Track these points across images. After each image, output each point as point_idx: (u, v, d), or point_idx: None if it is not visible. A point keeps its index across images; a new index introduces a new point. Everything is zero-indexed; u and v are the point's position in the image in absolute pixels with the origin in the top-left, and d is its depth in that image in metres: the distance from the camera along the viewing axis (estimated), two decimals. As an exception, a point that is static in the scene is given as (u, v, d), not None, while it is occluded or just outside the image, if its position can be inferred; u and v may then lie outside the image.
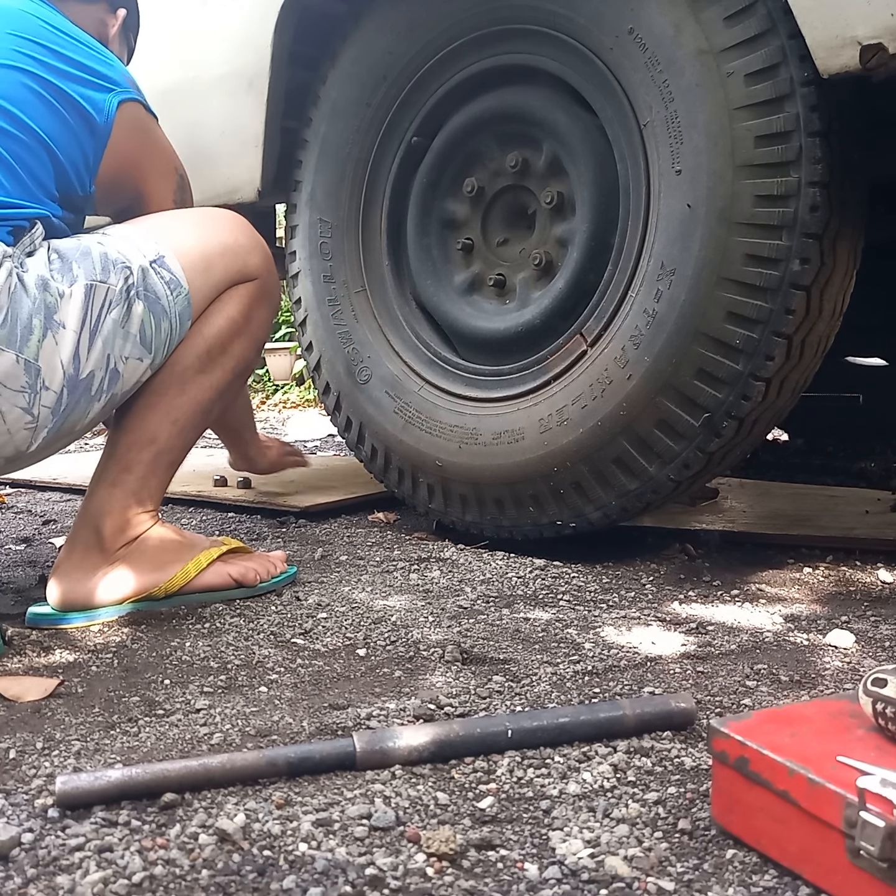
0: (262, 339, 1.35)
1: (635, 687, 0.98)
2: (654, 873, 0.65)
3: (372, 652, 1.10)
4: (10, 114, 1.15)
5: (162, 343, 1.22)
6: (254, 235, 1.34)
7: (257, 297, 1.31)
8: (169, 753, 0.83)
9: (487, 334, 1.58)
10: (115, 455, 1.25)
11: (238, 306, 1.29)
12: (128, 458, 1.24)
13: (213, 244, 1.28)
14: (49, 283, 1.12)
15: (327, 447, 3.35)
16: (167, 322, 1.22)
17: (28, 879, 0.64)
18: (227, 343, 1.28)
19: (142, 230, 1.25)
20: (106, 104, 1.24)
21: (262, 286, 1.32)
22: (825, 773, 0.61)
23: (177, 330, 1.23)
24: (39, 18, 1.22)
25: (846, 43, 1.13)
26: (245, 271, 1.30)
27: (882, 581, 1.39)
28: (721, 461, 1.44)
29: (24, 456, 1.16)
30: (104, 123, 1.24)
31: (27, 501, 2.23)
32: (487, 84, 1.57)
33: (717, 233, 1.27)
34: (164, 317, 1.21)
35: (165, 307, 1.21)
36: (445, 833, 0.68)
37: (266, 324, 1.35)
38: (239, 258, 1.29)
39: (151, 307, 1.20)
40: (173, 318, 1.22)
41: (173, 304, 1.22)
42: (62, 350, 1.13)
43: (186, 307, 1.24)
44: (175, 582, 1.24)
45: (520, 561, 1.47)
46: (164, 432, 1.24)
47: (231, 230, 1.31)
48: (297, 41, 1.71)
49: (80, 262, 1.16)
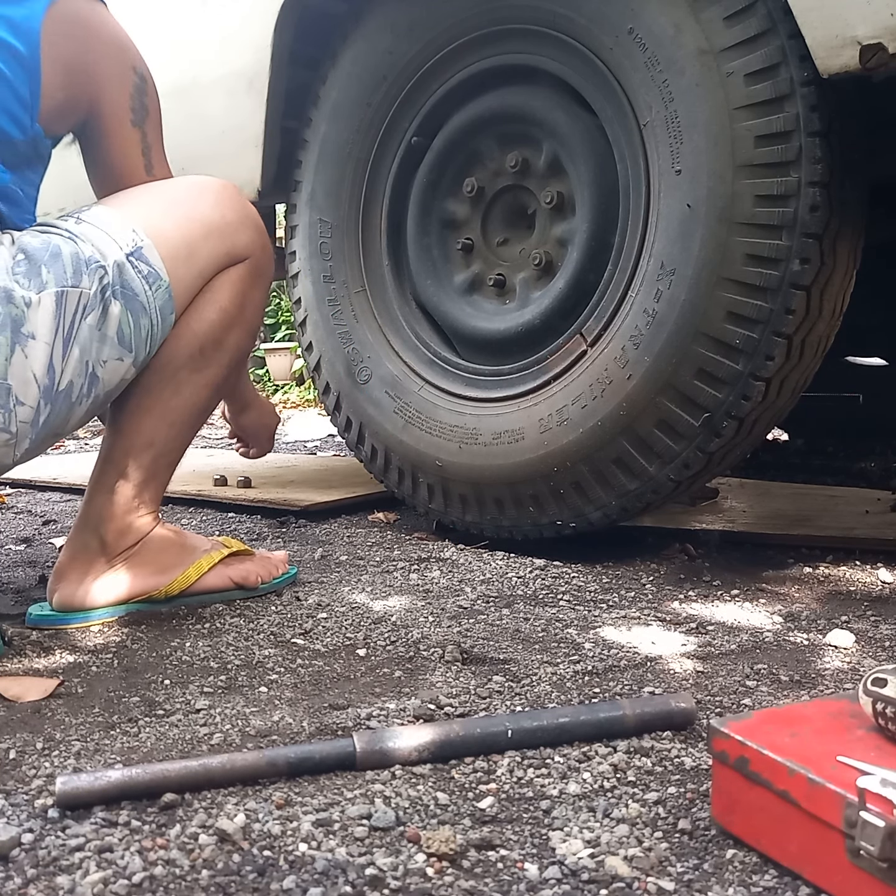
0: (257, 324, 1.27)
1: (635, 687, 0.98)
2: (654, 873, 0.65)
3: (372, 652, 1.10)
4: None
5: (143, 340, 1.14)
6: (242, 208, 1.23)
7: (249, 279, 1.22)
8: (169, 754, 0.83)
9: (487, 334, 1.58)
10: (112, 460, 1.21)
11: (229, 294, 1.21)
12: (125, 463, 1.20)
13: (197, 226, 1.18)
14: (13, 294, 1.03)
15: (327, 447, 3.35)
16: (146, 318, 1.14)
17: (28, 880, 0.64)
18: (221, 337, 1.21)
19: (117, 214, 1.15)
20: (28, 21, 1.08)
21: (253, 266, 1.23)
22: (825, 773, 0.61)
23: (158, 325, 1.15)
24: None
25: (846, 43, 1.13)
26: (234, 252, 1.20)
27: (882, 581, 1.39)
28: (721, 461, 1.44)
29: (9, 467, 1.12)
30: (32, 45, 1.08)
31: (27, 501, 2.23)
32: (487, 84, 1.57)
33: (717, 233, 1.27)
34: (143, 313, 1.13)
35: (144, 303, 1.13)
36: (445, 833, 0.68)
37: (260, 307, 1.27)
38: (226, 238, 1.20)
39: (129, 305, 1.12)
40: (153, 313, 1.14)
41: (152, 298, 1.13)
42: (34, 363, 1.05)
43: (167, 300, 1.15)
44: (176, 585, 1.24)
45: (520, 561, 1.47)
46: (161, 435, 1.21)
47: (216, 205, 1.20)
48: (297, 41, 1.71)
49: (49, 265, 1.06)
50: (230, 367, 1.26)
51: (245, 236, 1.22)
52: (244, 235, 1.22)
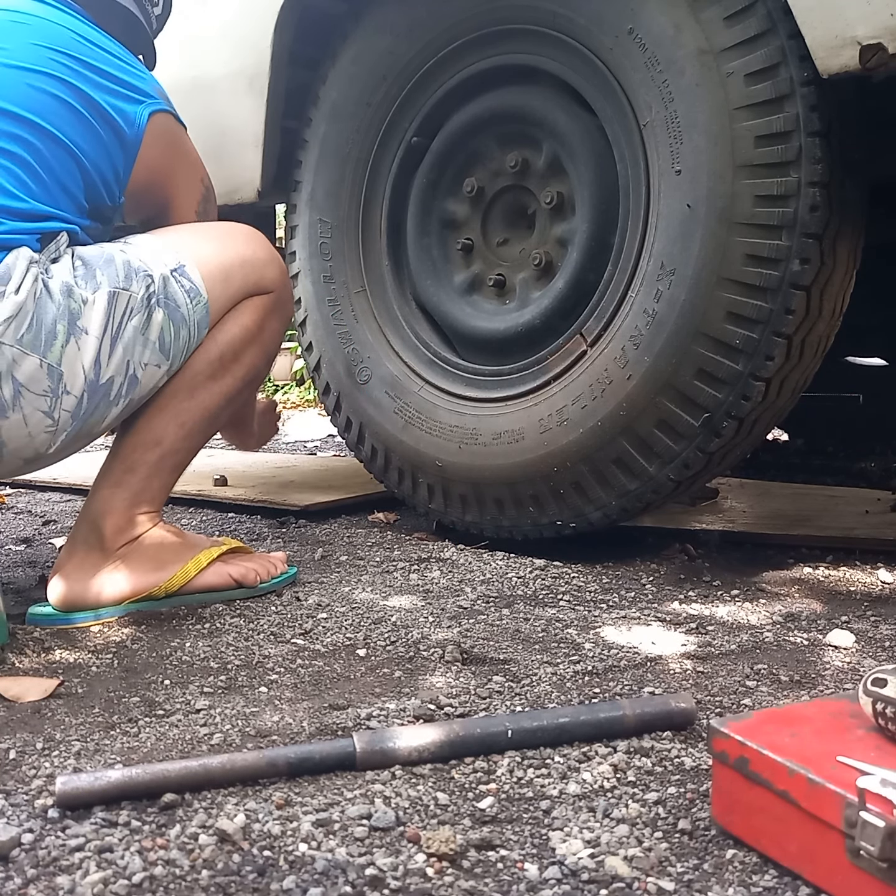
0: (273, 350, 1.37)
1: (635, 687, 0.98)
2: (654, 873, 0.65)
3: (372, 652, 1.10)
4: (37, 125, 1.16)
5: (180, 350, 1.24)
6: (271, 250, 1.36)
7: (271, 308, 1.33)
8: (169, 754, 0.83)
9: (487, 334, 1.58)
10: (119, 455, 1.26)
11: (252, 315, 1.31)
12: (132, 458, 1.25)
13: (232, 256, 1.30)
14: (73, 290, 1.14)
15: (327, 447, 3.35)
16: (186, 330, 1.23)
17: (28, 880, 0.64)
18: (240, 351, 1.30)
19: (162, 240, 1.27)
20: (137, 116, 1.27)
21: (276, 299, 1.34)
22: (825, 773, 0.61)
23: (195, 337, 1.25)
24: (71, 30, 1.23)
25: (846, 43, 1.13)
26: (261, 283, 1.32)
27: (882, 581, 1.39)
28: (721, 461, 1.44)
29: (42, 458, 1.18)
30: (134, 135, 1.27)
31: (27, 502, 2.23)
32: (487, 84, 1.57)
33: (717, 233, 1.27)
34: (184, 324, 1.23)
35: (185, 315, 1.23)
36: (445, 833, 0.68)
37: (278, 335, 1.37)
38: (256, 270, 1.31)
39: (171, 315, 1.21)
40: (192, 325, 1.24)
41: (192, 312, 1.24)
42: (84, 355, 1.14)
43: (205, 315, 1.25)
44: (175, 581, 1.24)
45: (520, 561, 1.47)
46: (171, 434, 1.25)
47: (249, 244, 1.33)
48: (297, 41, 1.71)
49: (103, 269, 1.17)
50: (245, 381, 1.32)
51: (272, 272, 1.34)
52: (272, 271, 1.34)
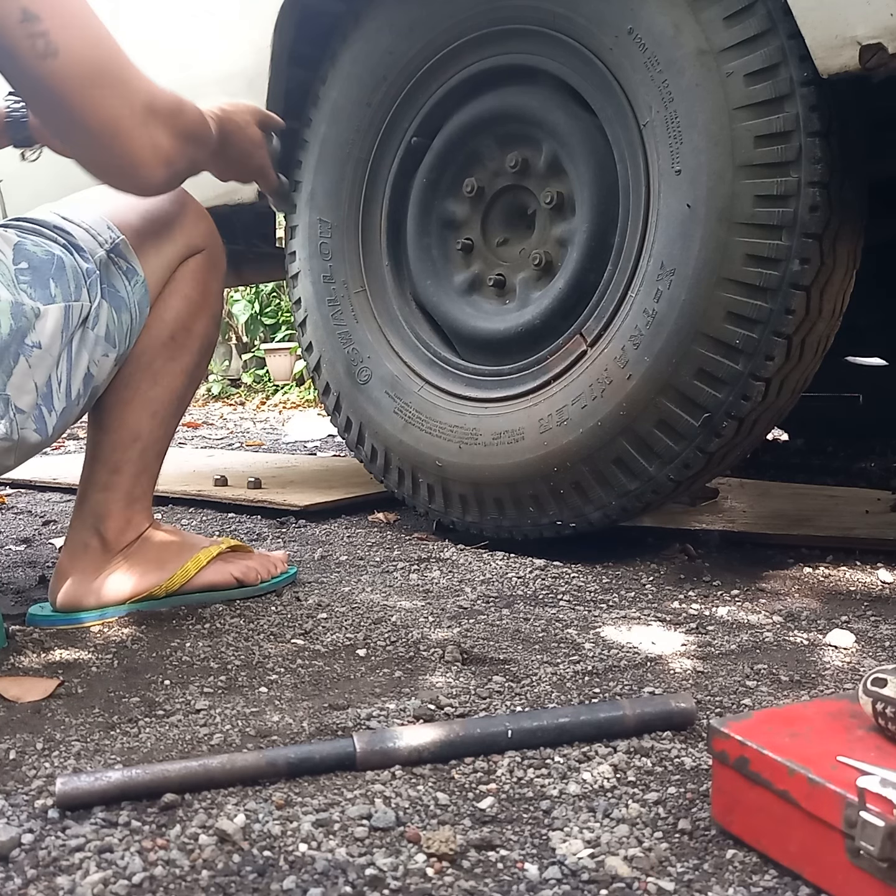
0: (219, 311, 1.32)
1: (635, 687, 0.98)
2: (654, 873, 0.65)
3: (372, 652, 1.10)
4: None
5: (124, 335, 1.18)
6: (195, 202, 1.28)
7: (208, 269, 1.27)
8: (169, 754, 0.83)
9: (487, 334, 1.58)
10: (100, 457, 1.23)
11: (192, 283, 1.25)
12: (115, 458, 1.22)
13: (162, 220, 1.22)
14: (24, 308, 1.05)
15: (327, 447, 3.35)
16: (127, 313, 1.18)
17: (28, 880, 0.64)
18: (190, 324, 1.25)
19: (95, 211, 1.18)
20: None
21: (210, 257, 1.28)
22: (825, 773, 0.61)
23: (137, 319, 1.19)
24: None
25: (846, 43, 1.13)
26: (192, 244, 1.25)
27: (882, 581, 1.39)
28: (721, 461, 1.44)
29: (10, 467, 1.13)
30: None
31: (27, 502, 2.23)
32: (487, 84, 1.57)
33: (717, 233, 1.27)
34: (125, 308, 1.17)
35: (125, 298, 1.17)
36: (445, 833, 0.68)
37: (220, 295, 1.32)
38: (185, 231, 1.24)
39: (113, 302, 1.15)
40: (133, 307, 1.18)
41: (132, 294, 1.18)
42: (36, 372, 1.07)
43: (144, 294, 1.20)
44: (175, 580, 1.24)
45: (520, 561, 1.47)
46: (146, 427, 1.23)
47: (174, 199, 1.24)
48: (297, 41, 1.71)
49: (56, 278, 1.09)
50: (201, 353, 1.29)
51: (201, 227, 1.27)
52: (200, 227, 1.27)
